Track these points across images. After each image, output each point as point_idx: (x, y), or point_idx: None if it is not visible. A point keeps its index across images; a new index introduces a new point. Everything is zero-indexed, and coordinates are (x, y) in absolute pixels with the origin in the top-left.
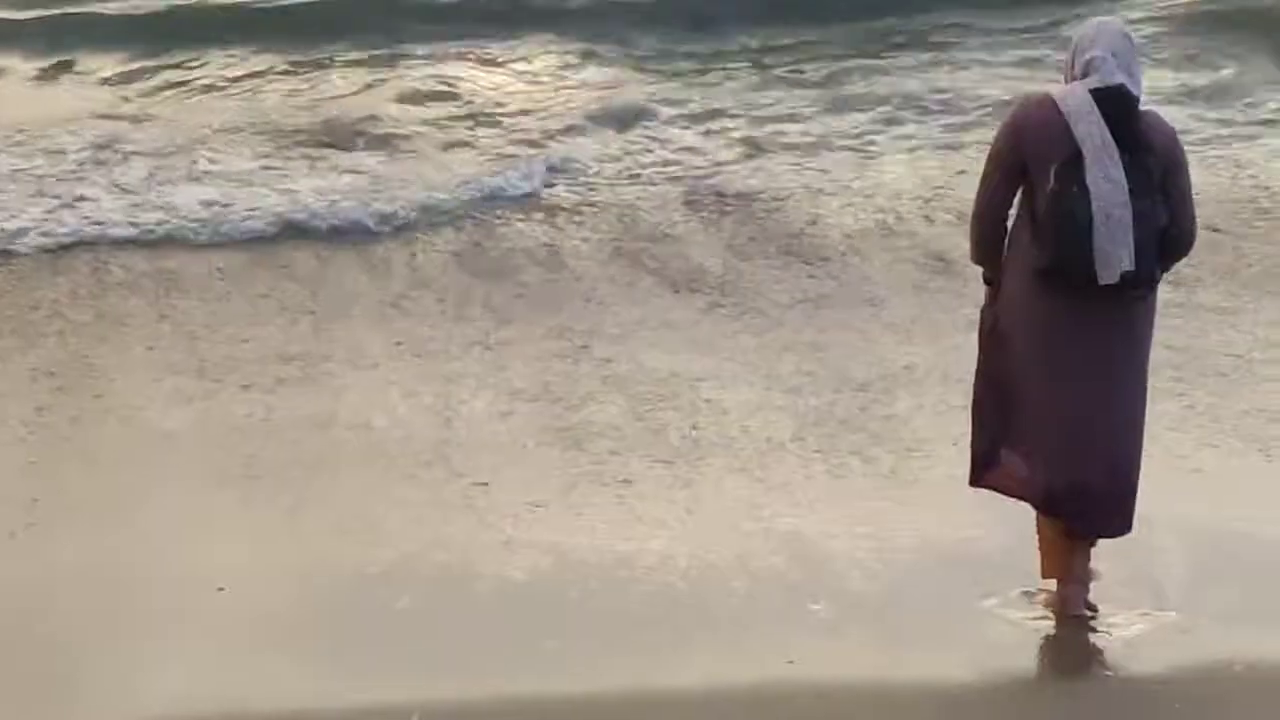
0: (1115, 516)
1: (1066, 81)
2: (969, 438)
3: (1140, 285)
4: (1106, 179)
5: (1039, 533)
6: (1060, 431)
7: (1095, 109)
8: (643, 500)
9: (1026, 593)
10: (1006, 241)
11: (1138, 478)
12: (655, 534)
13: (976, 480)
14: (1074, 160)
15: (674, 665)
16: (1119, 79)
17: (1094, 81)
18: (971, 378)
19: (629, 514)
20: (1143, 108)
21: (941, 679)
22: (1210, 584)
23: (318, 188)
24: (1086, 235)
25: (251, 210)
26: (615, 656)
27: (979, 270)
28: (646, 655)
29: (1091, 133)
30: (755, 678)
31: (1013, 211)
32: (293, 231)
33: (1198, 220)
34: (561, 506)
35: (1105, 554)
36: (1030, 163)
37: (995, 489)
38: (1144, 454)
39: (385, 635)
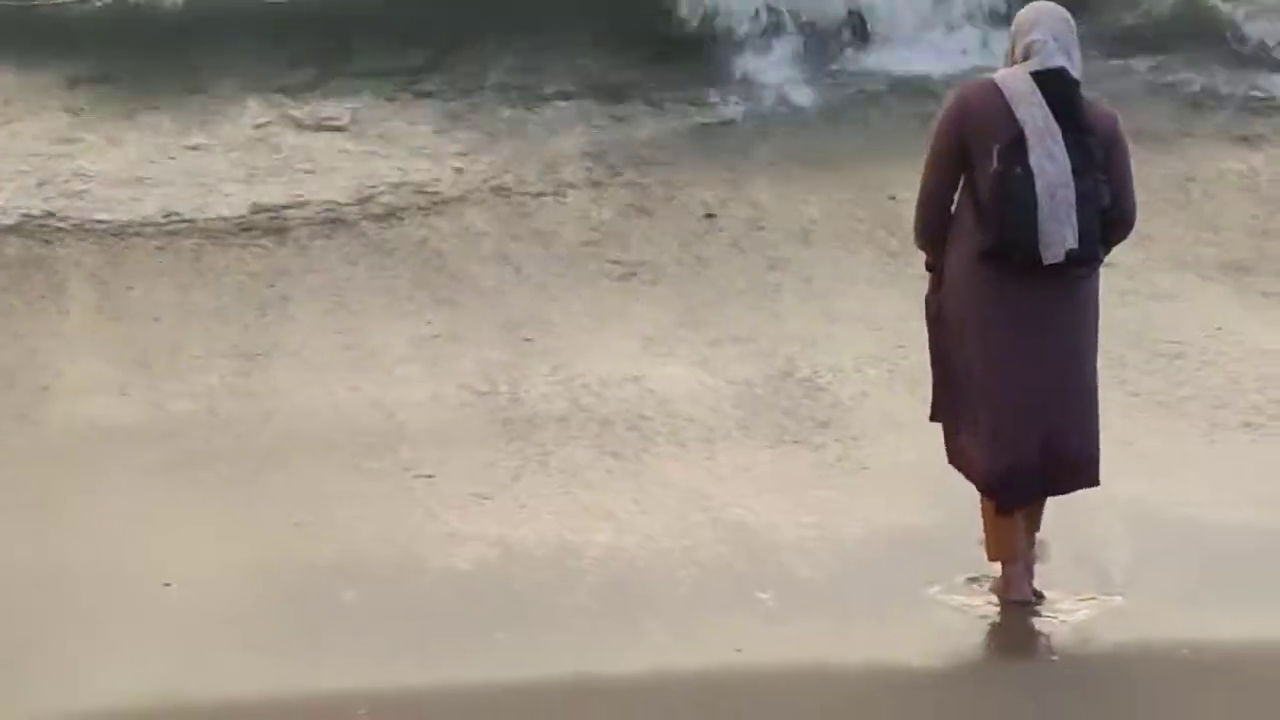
0: (1063, 488)
1: (1008, 65)
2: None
3: (1084, 264)
4: (1050, 159)
5: (983, 515)
6: (1007, 414)
7: (1037, 91)
8: (589, 490)
9: (972, 579)
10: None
11: (1096, 450)
12: (602, 525)
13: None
14: (1017, 142)
15: (622, 654)
16: (1059, 62)
17: (1034, 64)
18: (916, 364)
19: (575, 505)
20: (1084, 92)
21: (889, 666)
22: (1156, 567)
23: (265, 182)
24: (1031, 215)
25: (200, 204)
26: (562, 646)
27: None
28: (594, 645)
29: (1034, 114)
30: (703, 666)
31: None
32: (240, 225)
33: (1138, 203)
34: (507, 498)
35: (1051, 538)
36: (973, 146)
37: (960, 471)
38: None
39: (332, 628)
